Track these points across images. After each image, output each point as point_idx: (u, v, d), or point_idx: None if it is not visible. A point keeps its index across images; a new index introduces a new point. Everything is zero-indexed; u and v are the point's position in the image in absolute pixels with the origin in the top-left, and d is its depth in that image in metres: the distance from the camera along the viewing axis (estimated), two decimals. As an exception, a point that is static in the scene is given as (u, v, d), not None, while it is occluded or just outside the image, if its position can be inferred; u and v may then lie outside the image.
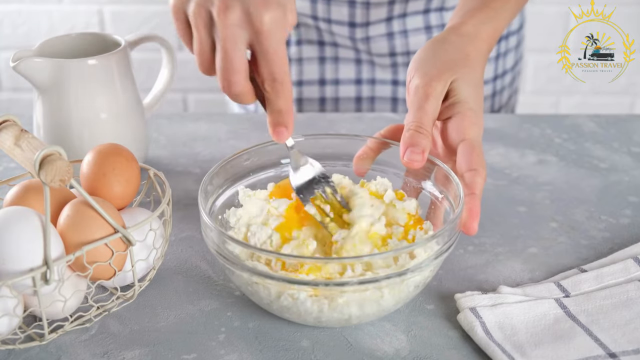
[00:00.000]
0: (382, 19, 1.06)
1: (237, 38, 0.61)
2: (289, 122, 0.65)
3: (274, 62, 0.62)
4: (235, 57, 0.61)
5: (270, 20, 0.61)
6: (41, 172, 0.59)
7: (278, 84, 0.63)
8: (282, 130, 0.65)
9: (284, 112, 0.65)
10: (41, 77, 0.83)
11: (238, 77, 0.62)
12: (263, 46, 0.61)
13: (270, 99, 0.64)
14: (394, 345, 0.65)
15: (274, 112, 0.65)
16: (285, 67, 0.63)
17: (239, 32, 0.61)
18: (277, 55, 0.62)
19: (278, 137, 0.66)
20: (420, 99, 0.71)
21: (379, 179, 0.74)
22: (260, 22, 0.60)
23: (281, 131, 0.65)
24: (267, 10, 0.60)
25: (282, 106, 0.64)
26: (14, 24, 1.96)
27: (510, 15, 0.80)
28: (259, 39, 0.61)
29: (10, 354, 0.65)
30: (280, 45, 0.62)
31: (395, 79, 1.12)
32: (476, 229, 0.68)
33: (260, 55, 0.62)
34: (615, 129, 1.00)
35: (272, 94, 0.64)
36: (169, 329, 0.67)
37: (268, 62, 0.62)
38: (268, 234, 0.69)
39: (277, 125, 0.65)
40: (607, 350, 0.62)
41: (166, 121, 1.04)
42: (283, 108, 0.64)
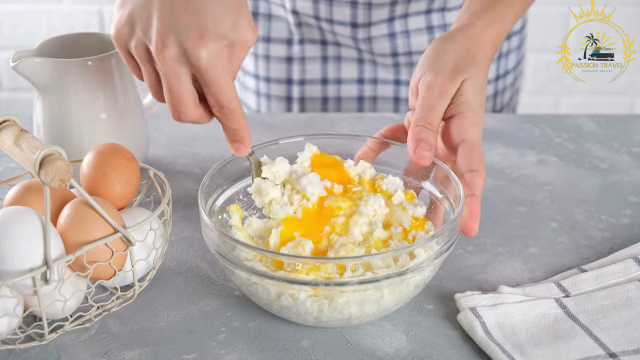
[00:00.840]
0: (384, 19, 1.06)
1: (179, 74, 0.63)
2: (244, 139, 0.69)
3: (218, 92, 0.64)
4: (181, 91, 0.64)
5: (207, 55, 0.62)
6: (41, 172, 0.59)
7: (226, 110, 0.66)
8: (239, 146, 0.69)
9: (238, 131, 0.68)
10: (41, 77, 0.83)
11: (187, 108, 0.65)
12: (204, 80, 0.63)
13: (223, 122, 0.67)
14: (394, 345, 0.65)
15: (228, 131, 0.68)
16: (232, 95, 0.65)
17: (179, 69, 0.63)
18: (220, 86, 0.64)
19: (237, 152, 0.70)
20: (433, 97, 0.71)
21: (391, 178, 0.73)
22: (197, 58, 0.62)
23: (238, 147, 0.69)
24: (202, 46, 0.62)
25: (234, 126, 0.67)
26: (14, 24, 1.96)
27: (515, 18, 0.80)
28: (200, 74, 0.63)
29: (10, 354, 0.65)
30: (223, 75, 0.63)
31: (397, 78, 1.12)
32: (476, 230, 0.68)
33: (204, 87, 0.64)
34: (615, 129, 1.00)
35: (222, 118, 0.67)
36: (169, 329, 0.67)
37: (214, 94, 0.64)
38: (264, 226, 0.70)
39: (233, 142, 0.69)
40: (607, 350, 0.62)
41: (166, 121, 1.04)
42: (236, 127, 0.68)
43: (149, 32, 0.62)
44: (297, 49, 1.12)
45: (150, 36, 0.62)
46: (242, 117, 0.67)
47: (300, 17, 1.09)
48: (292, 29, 1.10)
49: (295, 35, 1.11)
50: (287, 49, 1.12)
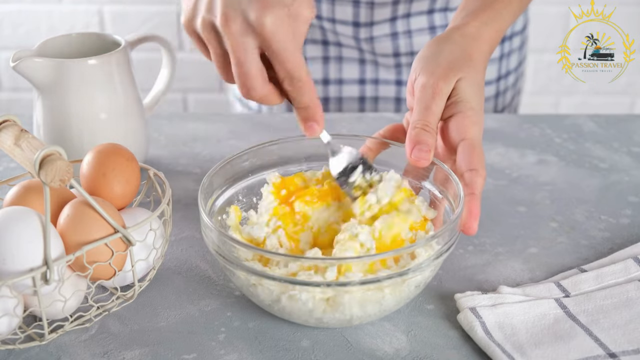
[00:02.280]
0: (386, 19, 1.06)
1: (245, 46, 0.61)
2: (317, 116, 0.66)
3: (286, 61, 0.62)
4: (248, 64, 0.62)
5: (271, 22, 0.61)
6: (41, 172, 0.59)
7: (296, 82, 0.63)
8: (313, 125, 0.66)
9: (311, 107, 0.65)
10: (41, 77, 0.83)
11: (255, 82, 0.63)
12: (271, 49, 0.62)
13: (294, 97, 0.65)
14: (394, 345, 0.65)
15: (300, 109, 0.65)
16: (300, 63, 0.63)
17: (246, 40, 0.61)
18: (288, 54, 0.62)
19: (310, 132, 0.66)
20: (427, 97, 0.71)
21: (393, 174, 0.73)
22: (261, 26, 0.61)
23: (312, 126, 0.66)
24: (266, 12, 0.61)
25: (307, 102, 0.65)
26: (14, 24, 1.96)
27: (512, 17, 0.80)
28: (266, 43, 0.61)
29: (10, 354, 0.65)
30: (289, 43, 0.62)
31: (399, 79, 1.12)
32: (476, 229, 0.68)
33: (272, 58, 0.62)
34: (615, 129, 1.00)
35: (293, 92, 0.64)
36: (169, 329, 0.67)
37: (281, 62, 0.62)
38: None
39: (307, 121, 0.66)
40: (607, 350, 0.62)
41: (166, 121, 1.04)
42: (309, 104, 0.65)
43: (213, 9, 0.62)
44: None
45: (214, 12, 0.62)
46: (313, 91, 0.65)
47: None
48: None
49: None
50: None
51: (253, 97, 0.64)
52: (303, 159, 0.78)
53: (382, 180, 0.71)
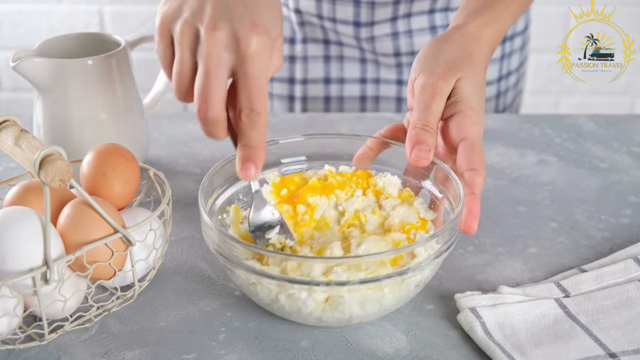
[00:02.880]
0: (387, 18, 1.06)
1: (221, 60, 0.59)
2: (258, 159, 0.63)
3: (255, 90, 0.60)
4: (217, 78, 0.60)
5: (256, 45, 0.59)
6: (41, 172, 0.59)
7: (255, 115, 0.61)
8: (250, 166, 0.63)
9: (256, 148, 0.62)
10: (41, 77, 0.83)
11: (216, 100, 0.60)
12: (246, 71, 0.60)
13: (244, 132, 0.61)
14: (394, 345, 0.65)
15: (245, 146, 0.62)
16: (265, 99, 0.61)
17: (223, 55, 0.59)
18: (259, 84, 0.60)
19: (245, 174, 0.63)
20: (427, 97, 0.71)
21: (389, 176, 0.74)
22: (247, 45, 0.59)
23: (249, 167, 0.63)
24: (255, 34, 0.59)
25: (255, 141, 0.62)
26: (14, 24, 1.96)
27: (513, 17, 0.80)
28: (243, 63, 0.60)
29: (10, 354, 0.65)
30: (263, 74, 0.60)
31: (400, 78, 1.12)
32: (476, 229, 0.68)
33: (242, 82, 0.60)
34: (615, 129, 1.00)
35: (247, 125, 0.61)
36: (169, 329, 0.67)
37: (249, 89, 0.60)
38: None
39: (245, 161, 0.62)
40: (607, 350, 0.62)
41: (166, 121, 1.04)
42: (255, 143, 0.62)
43: (201, 15, 0.60)
44: (299, 48, 1.12)
45: (201, 18, 0.60)
46: (265, 132, 0.62)
47: (303, 16, 1.09)
48: (295, 28, 1.10)
49: (298, 34, 1.11)
50: (290, 48, 1.12)
51: (208, 117, 0.60)
52: (303, 159, 0.78)
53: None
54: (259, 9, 0.61)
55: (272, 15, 0.61)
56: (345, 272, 0.62)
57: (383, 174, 0.74)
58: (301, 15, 1.09)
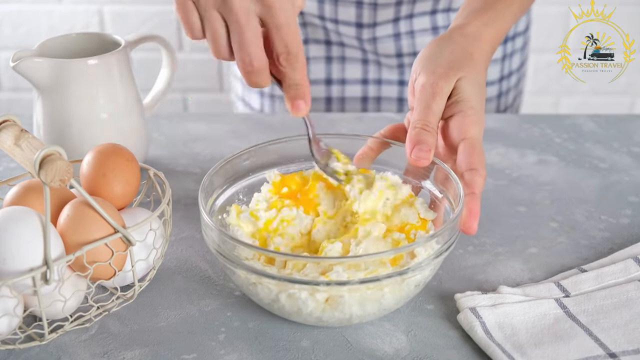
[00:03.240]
0: (389, 19, 1.06)
1: (248, 11, 0.61)
2: (306, 95, 0.66)
3: (287, 34, 0.63)
4: (251, 28, 0.62)
5: None
6: (41, 172, 0.59)
7: (293, 57, 0.64)
8: (301, 103, 0.66)
9: (301, 85, 0.65)
10: (41, 77, 0.83)
11: (257, 49, 0.62)
12: (275, 19, 0.62)
13: (287, 74, 0.64)
14: (394, 345, 0.65)
15: (291, 86, 0.65)
16: (299, 39, 0.64)
17: (249, 5, 0.61)
18: (290, 28, 0.63)
19: (297, 110, 0.66)
20: (427, 97, 0.71)
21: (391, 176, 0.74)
22: None
23: (299, 104, 0.66)
24: None
25: (298, 79, 0.65)
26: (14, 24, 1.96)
27: (513, 17, 0.80)
28: (271, 11, 0.62)
29: (10, 354, 0.65)
30: (291, 18, 0.63)
31: (401, 79, 1.12)
32: (476, 229, 0.68)
33: (273, 29, 0.63)
34: (615, 129, 1.00)
35: (288, 67, 0.64)
36: (169, 329, 0.67)
37: (281, 34, 0.63)
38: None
39: (295, 99, 0.65)
40: (607, 350, 0.62)
41: (166, 121, 1.04)
42: (300, 81, 0.65)
43: None
44: None
45: None
46: (305, 69, 0.65)
47: (305, 17, 1.09)
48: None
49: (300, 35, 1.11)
50: None
51: (254, 67, 0.63)
52: (303, 159, 0.78)
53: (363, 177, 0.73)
54: None
55: None
56: (346, 272, 0.62)
57: (383, 174, 0.74)
58: (303, 16, 1.09)
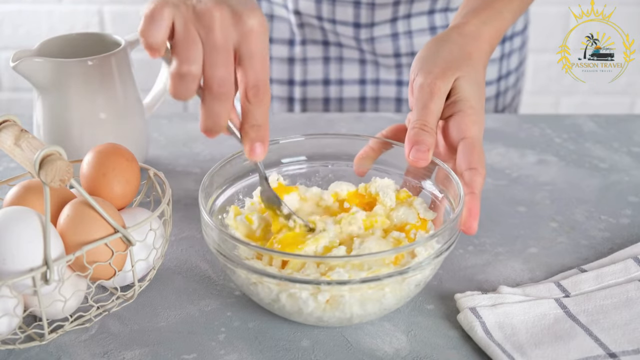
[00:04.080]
0: (386, 19, 1.06)
1: (228, 33, 0.59)
2: (265, 138, 0.63)
3: (261, 66, 0.60)
4: (229, 54, 0.60)
5: (259, 23, 0.60)
6: (41, 172, 0.59)
7: (262, 93, 0.61)
8: (258, 147, 0.63)
9: (263, 127, 0.63)
10: (41, 77, 0.83)
11: (229, 75, 0.60)
12: (252, 48, 0.60)
13: (251, 111, 0.62)
14: (394, 345, 0.65)
15: (253, 127, 0.62)
16: (268, 75, 0.61)
17: (229, 30, 0.59)
18: (264, 59, 0.61)
19: (254, 154, 0.63)
20: (425, 97, 0.71)
21: (379, 181, 0.74)
22: (250, 22, 0.60)
23: (256, 147, 0.63)
24: (256, 14, 0.60)
25: (261, 120, 0.62)
26: (14, 24, 1.96)
27: (513, 16, 0.80)
28: (248, 40, 0.60)
29: (10, 354, 0.65)
30: (267, 51, 0.61)
31: (399, 79, 1.12)
32: (476, 229, 0.68)
33: (247, 59, 0.60)
34: (615, 129, 1.00)
35: (254, 104, 0.61)
36: (169, 329, 0.67)
37: (255, 66, 0.60)
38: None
39: (254, 141, 0.63)
40: (607, 350, 0.62)
41: (166, 121, 1.04)
42: (262, 122, 0.62)
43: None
44: (299, 50, 1.12)
45: (201, 1, 0.60)
46: (268, 108, 0.62)
47: (303, 17, 1.09)
48: (294, 30, 1.10)
49: (297, 36, 1.11)
50: (289, 49, 1.12)
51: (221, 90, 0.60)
52: (303, 159, 0.78)
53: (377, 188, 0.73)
54: None
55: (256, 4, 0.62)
56: (347, 271, 0.62)
57: (375, 180, 0.74)
58: (300, 16, 1.09)
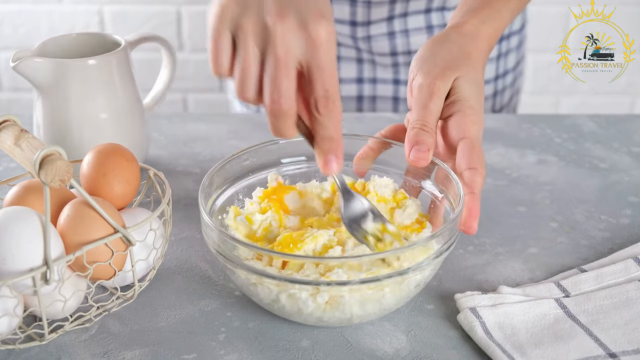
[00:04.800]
0: (383, 18, 1.06)
1: (292, 48, 0.57)
2: (339, 151, 0.60)
3: (330, 77, 0.58)
4: (289, 68, 0.57)
5: (326, 32, 0.57)
6: (41, 172, 0.59)
7: (332, 103, 0.58)
8: (332, 159, 0.60)
9: (336, 139, 0.59)
10: (41, 77, 0.83)
11: (289, 90, 0.57)
12: (319, 59, 0.57)
13: (323, 123, 0.59)
14: (394, 345, 0.65)
15: (324, 139, 0.59)
16: (338, 84, 0.58)
17: (294, 42, 0.57)
18: (332, 71, 0.58)
19: (328, 168, 0.60)
20: (424, 97, 0.71)
21: (378, 179, 0.74)
22: (318, 33, 0.57)
23: (331, 160, 0.60)
24: (324, 21, 0.57)
25: (333, 132, 0.59)
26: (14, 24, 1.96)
27: (511, 15, 0.80)
28: (316, 51, 0.57)
29: (10, 354, 0.65)
30: (335, 60, 0.58)
31: (396, 78, 1.12)
32: (476, 229, 0.68)
33: (315, 70, 0.57)
34: (615, 129, 1.00)
35: (324, 115, 0.58)
36: (169, 329, 0.67)
37: (324, 77, 0.57)
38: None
39: (327, 153, 0.60)
40: (607, 350, 0.62)
41: (166, 121, 1.04)
42: (334, 134, 0.59)
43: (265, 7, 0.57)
44: None
45: (267, 8, 0.57)
46: (341, 120, 0.59)
47: None
48: None
49: None
50: None
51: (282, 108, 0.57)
52: (303, 159, 0.78)
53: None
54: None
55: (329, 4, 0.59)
56: (346, 272, 0.62)
57: (373, 178, 0.74)
58: None
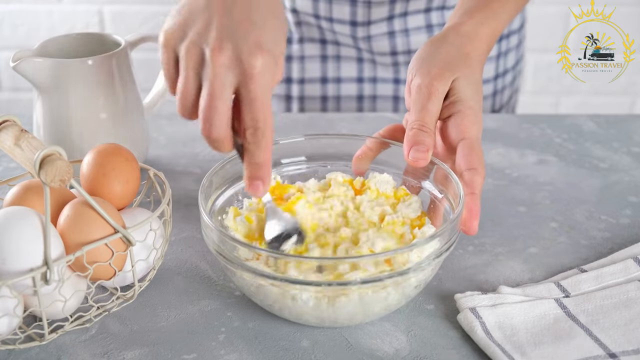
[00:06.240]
0: (383, 17, 1.07)
1: (225, 80, 0.59)
2: (265, 176, 0.63)
3: (259, 109, 0.60)
4: (222, 98, 0.59)
5: (260, 66, 0.59)
6: (41, 172, 0.59)
7: (260, 134, 0.61)
8: (259, 184, 0.63)
9: (262, 165, 0.62)
10: (41, 77, 0.83)
11: (221, 119, 0.60)
12: (250, 91, 0.59)
13: (250, 150, 0.62)
14: (394, 345, 0.65)
15: (251, 164, 0.62)
16: (270, 117, 0.60)
17: (228, 74, 0.59)
18: (262, 103, 0.60)
19: (254, 191, 0.63)
20: (423, 98, 0.71)
21: (379, 176, 0.74)
22: (250, 65, 0.59)
23: (257, 185, 0.63)
24: (259, 54, 0.59)
25: (260, 159, 0.62)
26: (14, 24, 1.96)
27: (509, 16, 0.80)
28: (248, 82, 0.59)
29: (10, 354, 0.65)
30: (267, 93, 0.60)
31: (396, 77, 1.12)
32: (476, 229, 0.68)
33: (245, 101, 0.60)
34: (615, 129, 1.00)
35: (252, 144, 0.61)
36: (169, 329, 0.67)
37: (253, 108, 0.60)
38: None
39: (253, 179, 0.63)
40: (607, 350, 0.62)
41: (166, 121, 1.04)
42: (261, 161, 0.62)
43: (207, 35, 0.60)
44: (296, 48, 1.12)
45: (207, 38, 0.59)
46: (270, 149, 0.62)
47: (300, 15, 1.09)
48: (292, 28, 1.11)
49: (295, 34, 1.11)
50: (287, 47, 1.12)
51: (212, 135, 0.60)
52: (303, 159, 0.78)
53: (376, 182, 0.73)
54: (266, 26, 0.60)
55: (277, 33, 0.61)
56: (346, 272, 0.62)
57: (374, 175, 0.74)
58: (298, 15, 1.09)
